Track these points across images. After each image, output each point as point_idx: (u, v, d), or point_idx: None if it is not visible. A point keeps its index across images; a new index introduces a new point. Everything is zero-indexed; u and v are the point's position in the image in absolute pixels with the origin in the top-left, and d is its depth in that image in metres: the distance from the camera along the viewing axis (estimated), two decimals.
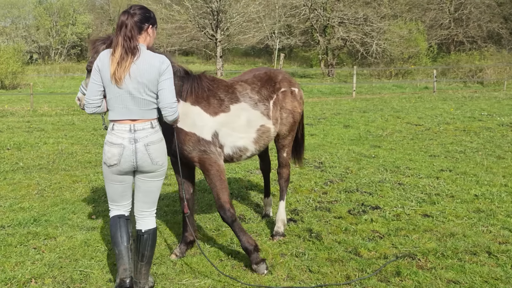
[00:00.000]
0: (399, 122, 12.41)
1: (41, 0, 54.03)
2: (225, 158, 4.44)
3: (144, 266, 3.74)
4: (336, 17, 30.71)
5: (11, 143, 9.93)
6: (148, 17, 3.57)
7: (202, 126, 4.16)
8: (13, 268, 4.27)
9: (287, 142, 5.03)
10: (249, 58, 49.15)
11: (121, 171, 3.53)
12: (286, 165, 5.14)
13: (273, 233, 4.95)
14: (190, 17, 30.57)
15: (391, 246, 4.69)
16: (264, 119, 4.61)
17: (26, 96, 19.39)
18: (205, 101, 4.24)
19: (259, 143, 4.62)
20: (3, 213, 5.70)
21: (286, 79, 4.98)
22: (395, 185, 6.72)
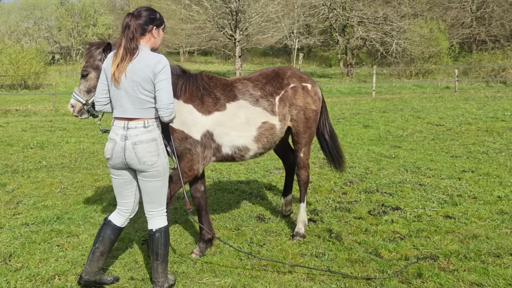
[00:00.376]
0: (419, 122, 12.26)
1: (63, 1, 54.91)
2: (226, 158, 4.48)
3: (160, 265, 3.77)
4: (356, 17, 30.50)
5: (34, 142, 10.12)
6: (153, 18, 3.62)
7: (191, 124, 4.20)
8: (37, 264, 4.35)
9: (303, 141, 4.87)
10: (267, 58, 49.15)
11: (114, 165, 3.66)
12: (304, 166, 4.99)
13: (294, 234, 4.95)
14: (209, 17, 30.68)
15: (412, 247, 4.65)
16: (267, 116, 4.54)
17: (49, 96, 19.72)
18: (198, 100, 4.26)
19: (261, 141, 4.54)
20: (27, 211, 5.82)
21: (296, 75, 4.84)
22: (416, 186, 6.65)
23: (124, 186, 3.77)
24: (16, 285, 3.97)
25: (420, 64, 28.37)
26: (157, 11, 3.71)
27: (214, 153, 4.42)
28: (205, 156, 4.31)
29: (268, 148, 4.70)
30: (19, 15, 58.07)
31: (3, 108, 16.61)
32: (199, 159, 4.26)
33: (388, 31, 29.20)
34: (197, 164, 4.27)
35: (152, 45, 3.65)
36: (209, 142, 4.31)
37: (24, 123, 13.08)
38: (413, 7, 31.94)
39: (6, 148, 9.57)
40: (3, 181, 7.10)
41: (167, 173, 3.72)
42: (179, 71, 4.31)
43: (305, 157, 4.95)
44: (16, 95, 21.21)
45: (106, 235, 3.83)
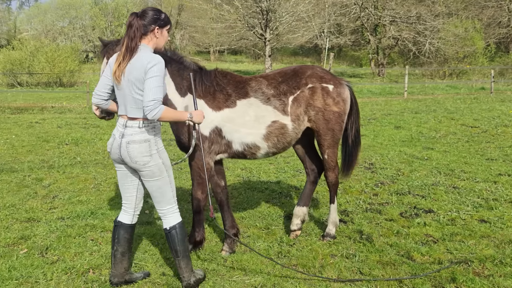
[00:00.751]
0: (453, 124, 12.00)
1: (97, 1, 56.10)
2: (237, 154, 4.52)
3: (182, 261, 3.80)
4: (388, 16, 30.06)
5: (69, 138, 10.38)
6: (157, 18, 3.62)
7: None
8: (73, 258, 4.46)
9: (325, 143, 4.70)
10: (297, 57, 49.00)
11: (114, 159, 3.76)
12: (330, 168, 4.83)
13: (324, 234, 4.92)
14: (240, 17, 30.80)
15: (445, 251, 4.56)
16: (277, 115, 4.48)
17: (82, 93, 20.17)
18: (210, 96, 4.33)
19: (272, 140, 4.50)
20: (63, 205, 5.97)
21: (316, 75, 4.67)
22: (449, 189, 6.51)
23: (125, 178, 3.83)
24: (52, 277, 4.08)
25: (454, 65, 27.74)
26: (163, 12, 3.72)
27: (225, 149, 4.46)
28: (211, 151, 4.36)
29: (281, 148, 4.64)
30: (55, 14, 59.66)
31: (40, 105, 17.08)
32: (206, 154, 4.32)
33: (421, 30, 28.66)
34: (206, 158, 4.31)
35: (154, 45, 3.67)
36: (217, 138, 4.36)
37: (60, 120, 13.43)
38: (448, 6, 31.26)
39: (43, 144, 9.85)
40: (40, 176, 7.31)
41: (165, 174, 3.69)
42: (195, 67, 4.39)
43: (330, 159, 4.80)
44: (51, 92, 21.78)
45: (121, 235, 3.89)
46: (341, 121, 4.73)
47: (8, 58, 23.64)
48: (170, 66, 4.26)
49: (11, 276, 4.08)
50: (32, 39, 26.40)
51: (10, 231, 5.11)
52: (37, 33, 58.72)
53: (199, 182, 4.40)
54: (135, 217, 3.97)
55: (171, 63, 4.29)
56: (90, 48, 52.37)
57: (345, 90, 4.80)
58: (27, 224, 5.34)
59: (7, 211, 5.74)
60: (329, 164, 4.82)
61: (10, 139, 10.34)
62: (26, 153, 9.03)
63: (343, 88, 4.78)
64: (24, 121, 13.15)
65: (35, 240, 4.85)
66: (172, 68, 4.29)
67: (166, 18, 3.70)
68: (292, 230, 4.99)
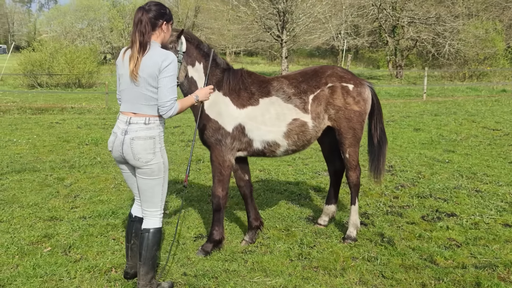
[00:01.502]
0: (474, 126, 11.83)
1: (115, 3, 56.75)
2: (257, 153, 4.61)
3: (142, 267, 3.68)
4: (406, 17, 29.78)
5: (89, 139, 10.49)
6: (163, 13, 3.59)
7: (225, 116, 4.40)
8: (95, 256, 4.50)
9: (346, 142, 4.74)
10: (313, 59, 48.92)
11: (115, 158, 3.71)
12: (351, 168, 4.85)
13: (345, 237, 4.89)
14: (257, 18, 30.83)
15: (469, 255, 4.49)
16: (298, 113, 4.56)
17: (101, 94, 20.38)
18: (235, 94, 4.47)
19: (292, 137, 4.57)
20: (84, 205, 6.04)
21: (336, 74, 4.73)
22: (472, 192, 6.42)
23: (130, 178, 3.80)
24: (75, 275, 4.13)
25: (475, 66, 27.35)
26: (167, 7, 3.69)
27: (246, 147, 4.54)
28: (233, 147, 4.46)
29: (300, 146, 4.70)
30: (74, 16, 60.47)
31: (60, 105, 17.30)
32: (227, 151, 4.43)
33: (441, 31, 28.31)
34: (226, 155, 4.43)
35: (161, 40, 3.65)
36: (239, 135, 4.46)
37: (79, 120, 13.59)
38: (468, 7, 30.86)
39: (63, 144, 9.97)
40: (61, 175, 7.41)
41: (162, 174, 3.65)
42: (225, 65, 4.56)
43: (351, 158, 4.82)
44: (71, 93, 22.05)
45: (138, 229, 3.85)
46: (361, 120, 4.77)
47: (28, 59, 23.99)
48: (204, 62, 4.41)
49: (35, 274, 4.13)
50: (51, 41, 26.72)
51: (34, 229, 5.19)
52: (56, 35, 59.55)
53: (220, 179, 4.48)
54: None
55: (206, 59, 4.42)
56: (108, 50, 52.96)
57: (366, 90, 4.83)
58: (50, 222, 5.41)
59: (30, 209, 5.82)
60: (350, 163, 4.84)
61: (32, 139, 10.49)
62: (48, 153, 9.15)
63: (364, 87, 4.81)
64: (45, 121, 13.33)
65: (58, 239, 4.91)
66: (205, 64, 4.42)
67: (170, 13, 3.69)
68: (318, 224, 5.30)
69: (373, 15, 31.71)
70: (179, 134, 11.33)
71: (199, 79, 4.40)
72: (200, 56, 4.41)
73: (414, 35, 29.28)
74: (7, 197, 6.30)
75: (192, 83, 4.39)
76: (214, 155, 4.44)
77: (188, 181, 4.19)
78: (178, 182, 7.09)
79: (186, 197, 6.33)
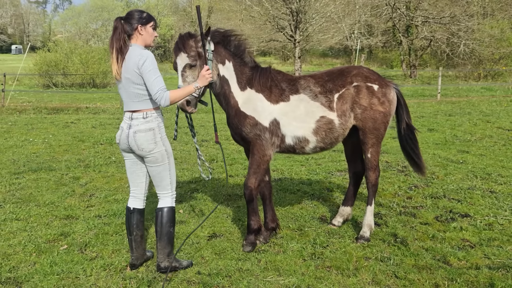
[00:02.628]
0: (489, 127, 11.73)
1: (129, 3, 57.16)
2: (288, 149, 4.75)
3: (158, 242, 4.16)
4: (420, 16, 29.55)
5: (103, 138, 10.61)
6: (138, 17, 3.97)
7: (261, 111, 4.58)
8: (110, 255, 4.57)
9: (370, 142, 4.83)
10: (326, 59, 48.76)
11: (123, 149, 4.16)
12: (372, 168, 4.92)
13: (358, 237, 4.90)
14: (270, 18, 30.84)
15: (483, 256, 4.47)
16: (325, 110, 4.69)
17: (115, 94, 20.58)
18: (267, 90, 4.65)
19: (320, 134, 4.70)
20: (99, 204, 6.12)
21: (362, 74, 4.83)
22: (486, 193, 6.38)
23: (135, 166, 4.20)
24: (91, 273, 4.20)
25: (490, 66, 27.05)
26: (145, 11, 4.05)
27: (280, 143, 4.69)
28: (273, 143, 4.62)
29: (328, 143, 4.80)
30: (88, 16, 61.13)
31: (75, 105, 17.52)
32: (268, 145, 4.59)
33: (455, 31, 28.03)
34: (268, 150, 4.60)
35: (142, 42, 4.02)
36: (276, 130, 4.62)
37: (94, 120, 13.74)
38: (483, 6, 30.51)
39: (78, 144, 10.10)
40: (77, 174, 7.51)
41: (166, 160, 4.08)
42: (253, 63, 4.74)
43: (372, 158, 4.89)
44: (85, 93, 22.31)
45: (138, 220, 4.26)
46: (386, 121, 4.85)
47: (44, 59, 24.31)
48: (233, 60, 4.62)
49: (52, 271, 4.22)
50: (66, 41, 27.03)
51: (50, 227, 5.28)
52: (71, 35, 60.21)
53: (256, 171, 4.61)
54: (144, 202, 4.35)
55: (234, 58, 4.64)
56: None
57: (391, 91, 4.91)
58: (66, 221, 5.50)
59: (46, 208, 5.93)
60: (371, 163, 4.91)
61: (48, 138, 10.65)
62: (63, 152, 9.29)
63: (389, 89, 4.89)
64: (60, 121, 13.52)
65: (74, 237, 4.99)
66: (235, 62, 4.63)
67: (148, 16, 4.04)
68: (332, 224, 5.33)
69: (386, 14, 31.51)
70: None
71: (230, 78, 4.59)
72: (228, 55, 4.59)
73: (428, 34, 29.02)
74: (24, 196, 6.41)
75: (224, 81, 4.58)
76: (256, 149, 4.60)
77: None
78: (192, 182, 7.15)
79: (200, 197, 6.38)
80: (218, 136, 4.66)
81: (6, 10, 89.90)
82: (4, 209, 5.87)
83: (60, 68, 24.19)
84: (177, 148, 9.74)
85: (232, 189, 6.75)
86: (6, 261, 4.43)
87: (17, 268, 4.30)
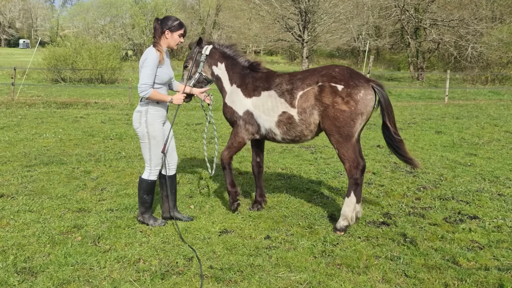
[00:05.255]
0: (496, 130, 11.73)
1: (137, 0, 57.27)
2: (263, 136, 5.48)
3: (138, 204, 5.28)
4: (429, 19, 29.50)
5: (113, 134, 10.70)
6: (170, 25, 4.96)
7: (236, 103, 5.47)
8: (124, 248, 4.64)
9: (333, 138, 5.02)
10: (334, 59, 48.72)
11: None
12: (343, 161, 5.08)
13: (335, 226, 5.17)
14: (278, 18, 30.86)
15: (492, 257, 4.51)
16: (287, 107, 5.17)
17: (124, 90, 20.70)
18: (245, 86, 5.48)
19: (282, 127, 5.24)
20: (111, 198, 6.20)
21: (329, 75, 5.01)
22: (494, 196, 6.41)
23: None
24: (105, 265, 4.27)
25: (497, 70, 27.00)
26: (178, 19, 5.01)
27: (257, 131, 5.44)
28: (247, 129, 5.44)
29: (294, 136, 5.27)
30: (96, 12, 61.28)
31: (84, 100, 17.63)
32: (242, 130, 5.44)
33: (464, 34, 27.98)
34: (241, 133, 5.45)
35: (166, 44, 5.01)
36: (250, 119, 5.40)
37: (103, 116, 13.84)
38: (492, 10, 30.42)
39: (88, 138, 10.19)
40: (88, 168, 7.59)
41: (147, 140, 5.00)
42: (245, 63, 5.62)
43: (341, 154, 5.07)
44: (94, 88, 22.43)
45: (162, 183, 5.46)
46: (351, 120, 4.92)
47: (53, 54, 24.44)
48: (225, 62, 5.65)
49: (67, 262, 4.29)
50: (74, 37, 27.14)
51: (63, 220, 5.36)
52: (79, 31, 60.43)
53: (230, 147, 5.56)
54: (171, 170, 5.36)
55: (227, 60, 5.65)
56: (129, 46, 53.48)
57: (360, 91, 4.91)
58: (79, 214, 5.58)
59: (59, 201, 6.00)
60: (341, 158, 5.12)
61: (58, 132, 10.74)
62: (73, 146, 9.37)
63: (356, 89, 4.92)
64: (69, 115, 13.62)
65: (87, 230, 5.06)
66: (227, 63, 5.64)
67: (177, 25, 4.98)
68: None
69: (395, 16, 31.49)
70: (201, 131, 11.48)
71: (223, 76, 5.66)
72: (221, 58, 5.65)
73: (437, 37, 28.98)
74: (36, 188, 6.50)
75: (218, 79, 5.69)
76: (233, 131, 5.55)
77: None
78: (202, 178, 7.21)
79: (211, 193, 6.45)
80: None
81: (14, 4, 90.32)
82: (17, 201, 5.96)
83: (68, 63, 24.31)
84: (186, 145, 9.81)
85: (242, 187, 6.82)
86: (21, 252, 4.50)
87: (32, 259, 4.38)
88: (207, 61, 5.61)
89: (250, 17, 37.78)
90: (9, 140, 9.75)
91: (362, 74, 5.12)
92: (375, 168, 7.91)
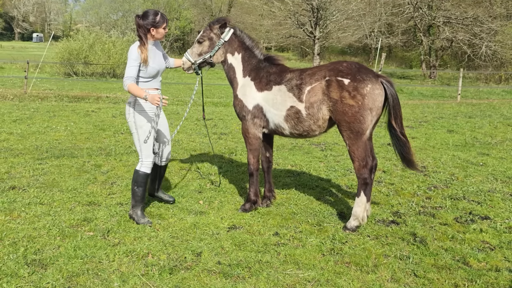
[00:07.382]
0: (510, 130, 11.59)
1: None
2: (272, 130, 5.48)
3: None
4: (442, 17, 29.19)
5: (124, 128, 10.74)
6: (149, 21, 5.01)
7: (248, 96, 5.44)
8: (132, 242, 4.66)
9: (344, 134, 4.97)
10: (345, 56, 48.41)
11: None
12: (353, 159, 5.01)
13: (345, 225, 5.13)
14: (290, 14, 30.77)
15: (503, 259, 4.46)
16: (294, 101, 5.15)
17: None
18: (258, 79, 5.43)
19: (290, 122, 5.23)
20: (121, 192, 6.22)
21: (336, 69, 4.98)
22: (506, 196, 6.33)
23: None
24: (114, 258, 4.29)
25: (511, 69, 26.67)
26: (158, 12, 5.03)
27: (265, 125, 5.45)
28: (255, 123, 5.45)
29: (302, 131, 5.24)
30: (109, 7, 61.52)
31: (95, 94, 17.72)
32: (250, 125, 5.46)
33: (478, 32, 27.66)
34: (250, 128, 5.47)
35: (153, 39, 5.11)
36: (259, 113, 5.41)
37: (114, 110, 13.90)
38: (507, 8, 30.03)
39: (99, 132, 10.25)
40: (98, 162, 7.64)
41: (135, 131, 5.09)
42: (261, 56, 5.58)
43: (351, 151, 5.00)
44: (105, 82, 22.55)
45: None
46: (360, 115, 4.86)
47: (66, 48, 24.59)
48: (243, 52, 5.55)
49: (76, 255, 4.32)
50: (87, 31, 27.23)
51: (74, 213, 5.39)
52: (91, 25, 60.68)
53: (250, 148, 5.56)
54: (162, 162, 5.66)
55: (246, 51, 5.55)
56: None
57: (366, 86, 4.85)
58: (89, 207, 5.61)
59: (69, 194, 6.04)
60: (352, 155, 5.05)
61: (69, 126, 10.81)
62: (85, 140, 9.43)
63: (363, 83, 4.85)
64: (81, 109, 13.70)
65: (97, 223, 5.09)
66: (244, 54, 5.55)
67: (161, 20, 5.03)
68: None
69: (408, 13, 31.22)
70: (211, 126, 11.49)
71: (237, 66, 5.57)
72: (240, 48, 5.53)
73: (450, 35, 28.69)
74: (47, 181, 6.55)
75: (231, 68, 5.60)
76: (243, 127, 5.56)
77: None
78: (211, 174, 7.22)
79: (220, 189, 6.45)
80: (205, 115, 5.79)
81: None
82: (28, 193, 6.01)
83: (81, 57, 24.44)
84: (196, 140, 9.82)
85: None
86: (32, 244, 4.54)
87: (42, 251, 4.41)
88: (224, 46, 5.50)
89: (262, 13, 37.71)
90: (21, 133, 9.83)
91: (371, 70, 5.07)
92: (385, 166, 7.86)
